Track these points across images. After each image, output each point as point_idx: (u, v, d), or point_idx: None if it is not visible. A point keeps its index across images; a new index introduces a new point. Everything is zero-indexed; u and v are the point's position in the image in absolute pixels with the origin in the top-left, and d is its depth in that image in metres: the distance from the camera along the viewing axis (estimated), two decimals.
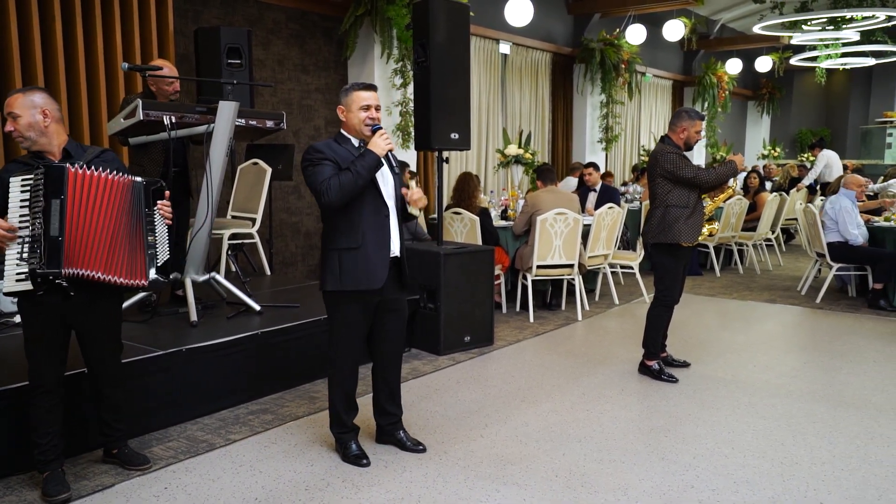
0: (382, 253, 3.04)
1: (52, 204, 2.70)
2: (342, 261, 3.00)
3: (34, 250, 2.69)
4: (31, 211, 2.71)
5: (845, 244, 6.36)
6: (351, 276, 2.99)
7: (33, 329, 2.81)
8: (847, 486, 2.97)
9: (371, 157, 2.92)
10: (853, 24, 10.79)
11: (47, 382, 2.83)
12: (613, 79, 10.71)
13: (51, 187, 2.71)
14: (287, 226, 7.22)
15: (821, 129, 17.24)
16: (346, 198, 2.91)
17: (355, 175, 2.89)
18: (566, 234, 5.73)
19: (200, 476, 3.07)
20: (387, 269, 3.04)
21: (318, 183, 2.90)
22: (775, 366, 4.65)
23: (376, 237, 3.03)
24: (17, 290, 2.70)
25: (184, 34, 6.11)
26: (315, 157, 2.95)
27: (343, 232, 3.01)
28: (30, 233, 2.71)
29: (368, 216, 3.01)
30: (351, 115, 3.02)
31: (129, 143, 4.19)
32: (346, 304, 3.06)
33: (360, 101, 3.00)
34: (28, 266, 2.69)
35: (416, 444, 3.32)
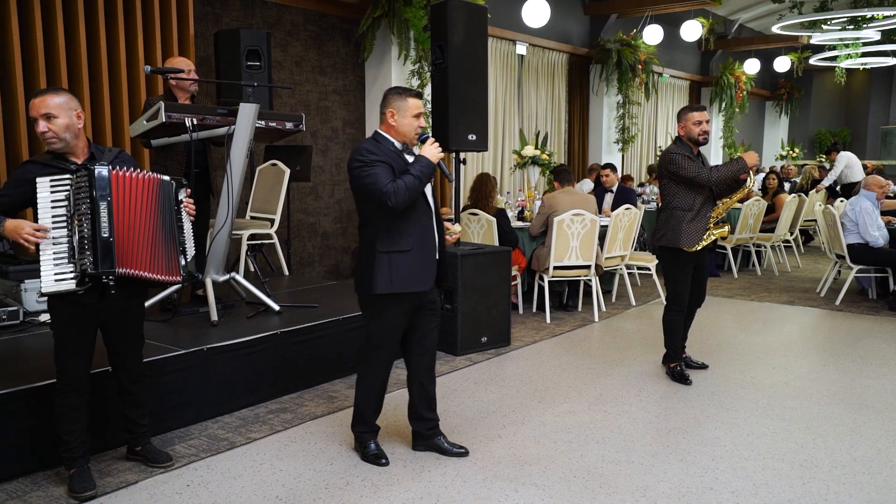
0: (429, 255, 3.10)
1: (100, 205, 2.76)
2: (392, 263, 3.01)
3: (83, 251, 2.73)
4: (73, 212, 2.74)
5: (866, 246, 6.31)
6: (402, 279, 3.02)
7: (66, 329, 2.84)
8: (868, 490, 2.95)
9: (427, 163, 3.01)
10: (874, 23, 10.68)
11: (76, 381, 2.87)
12: (630, 79, 10.68)
13: (98, 189, 2.76)
14: (304, 226, 7.27)
15: (840, 130, 17.08)
16: (410, 201, 2.96)
17: (417, 179, 2.96)
18: (583, 235, 5.73)
19: (222, 474, 3.11)
20: (434, 271, 3.12)
21: (382, 185, 2.91)
22: (794, 368, 4.63)
23: (423, 240, 3.07)
24: (56, 291, 2.72)
25: (204, 37, 6.17)
26: (369, 158, 2.96)
27: (393, 235, 3.02)
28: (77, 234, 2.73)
29: (416, 220, 3.05)
30: (404, 120, 3.06)
31: (152, 144, 4.25)
32: (393, 307, 3.06)
33: (414, 109, 3.06)
34: (79, 266, 2.73)
35: (458, 448, 3.28)
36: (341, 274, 7.63)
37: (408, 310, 3.10)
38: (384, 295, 3.04)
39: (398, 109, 3.06)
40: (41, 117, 2.76)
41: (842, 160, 10.28)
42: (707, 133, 4.16)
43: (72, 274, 2.73)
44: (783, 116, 16.90)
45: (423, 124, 3.11)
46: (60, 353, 2.86)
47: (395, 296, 3.04)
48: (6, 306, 4.18)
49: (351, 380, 4.36)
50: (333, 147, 7.48)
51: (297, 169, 6.03)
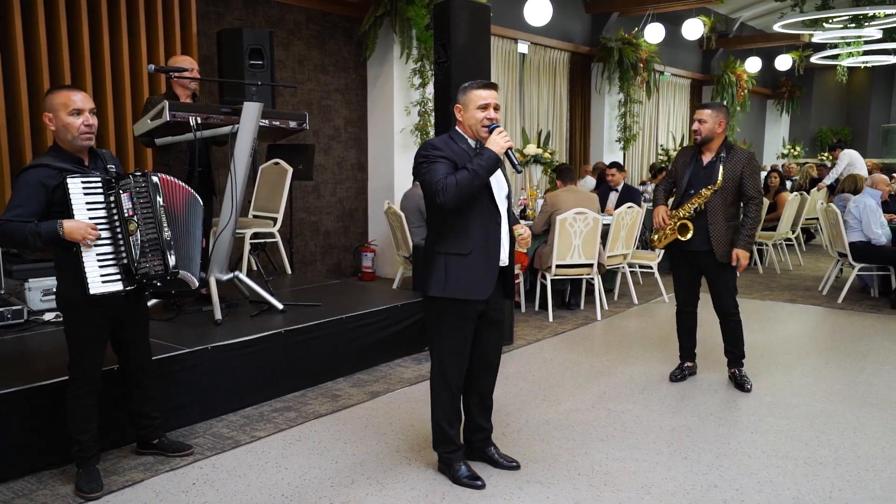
0: (491, 262, 2.86)
1: (160, 210, 2.91)
2: (448, 266, 2.83)
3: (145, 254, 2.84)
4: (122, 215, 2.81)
5: (868, 244, 6.31)
6: (456, 284, 2.82)
7: (89, 329, 2.87)
8: (872, 487, 2.95)
9: (490, 156, 2.75)
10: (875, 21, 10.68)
11: (93, 380, 2.91)
12: (631, 78, 10.69)
13: (159, 195, 2.92)
14: (307, 225, 7.28)
15: (841, 128, 17.07)
16: (462, 198, 2.73)
17: (472, 174, 2.71)
18: (585, 234, 5.73)
19: (227, 472, 3.11)
20: (494, 280, 2.87)
21: (433, 182, 2.72)
22: (797, 366, 4.63)
23: (486, 245, 2.85)
24: (105, 292, 2.75)
25: (206, 35, 6.18)
26: (432, 154, 2.79)
27: (452, 236, 2.83)
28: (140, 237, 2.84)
29: (480, 221, 2.84)
30: (468, 114, 2.85)
31: (155, 143, 4.25)
32: (451, 312, 2.87)
33: (478, 101, 2.82)
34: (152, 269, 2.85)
35: (509, 461, 3.12)
36: (343, 273, 7.64)
37: (469, 317, 2.89)
38: (439, 298, 2.86)
39: (463, 104, 2.87)
40: (89, 112, 2.79)
41: (844, 158, 10.28)
42: (696, 132, 4.05)
43: (118, 275, 2.79)
44: (784, 115, 16.90)
45: (492, 115, 2.82)
46: (81, 354, 2.88)
47: (452, 301, 2.84)
48: (10, 305, 4.19)
49: (354, 378, 4.37)
50: (335, 146, 7.49)
51: (300, 168, 6.03)
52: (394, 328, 4.70)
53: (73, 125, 2.74)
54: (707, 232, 4.01)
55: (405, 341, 4.80)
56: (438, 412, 2.99)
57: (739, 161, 4.00)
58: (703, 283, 4.26)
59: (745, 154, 4.06)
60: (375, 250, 7.57)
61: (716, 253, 4.01)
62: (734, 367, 4.25)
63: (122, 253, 2.80)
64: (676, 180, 4.19)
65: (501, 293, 3.05)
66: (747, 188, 3.98)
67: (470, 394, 3.09)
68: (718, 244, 4.01)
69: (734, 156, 4.02)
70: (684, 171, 4.13)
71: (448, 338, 2.91)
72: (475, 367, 3.04)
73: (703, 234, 4.03)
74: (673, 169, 4.27)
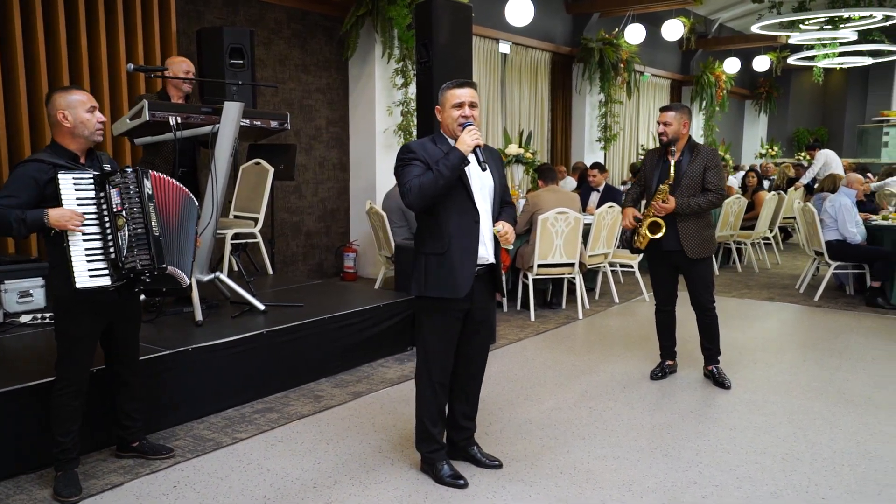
0: (468, 261, 2.85)
1: (149, 206, 2.93)
2: (427, 266, 2.87)
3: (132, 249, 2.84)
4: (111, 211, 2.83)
5: (844, 242, 6.41)
6: (434, 283, 2.85)
7: (79, 328, 2.87)
8: (848, 482, 3.01)
9: (455, 156, 2.75)
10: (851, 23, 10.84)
11: (81, 381, 2.90)
12: (612, 78, 10.76)
13: (147, 190, 2.94)
14: (288, 225, 7.24)
15: (818, 129, 17.31)
16: (426, 199, 2.77)
17: (436, 175, 2.73)
18: (567, 234, 5.76)
19: (209, 474, 3.09)
20: (472, 278, 2.85)
21: (403, 184, 2.79)
22: (775, 363, 4.70)
23: (463, 243, 2.84)
24: (92, 287, 2.76)
25: (186, 34, 6.13)
26: (406, 157, 2.84)
27: (429, 235, 2.88)
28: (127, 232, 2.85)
29: (455, 220, 2.84)
30: (445, 114, 2.87)
31: (135, 143, 4.22)
32: (435, 311, 2.90)
33: (453, 99, 2.83)
34: (138, 263, 2.85)
35: (492, 460, 3.14)
36: (325, 273, 7.61)
37: (453, 316, 2.90)
38: (421, 297, 2.90)
39: (442, 105, 2.89)
40: (98, 110, 2.89)
41: (821, 158, 10.42)
42: (662, 135, 4.06)
43: (106, 270, 2.79)
44: (762, 115, 17.10)
45: (466, 113, 2.82)
46: (71, 354, 2.87)
47: (437, 300, 2.87)
48: None
49: (336, 379, 4.36)
50: (317, 146, 7.46)
51: (281, 168, 5.99)
52: (376, 328, 4.70)
53: (91, 121, 2.85)
54: (677, 231, 4.07)
55: (388, 341, 4.80)
56: (422, 410, 3.00)
57: (703, 158, 4.08)
58: (682, 281, 4.31)
59: (709, 151, 4.15)
60: (357, 250, 7.55)
61: (686, 251, 4.07)
62: (711, 364, 4.30)
63: (109, 248, 2.81)
64: (646, 182, 4.23)
65: (489, 292, 3.05)
66: (707, 181, 4.05)
67: (455, 396, 3.10)
68: (688, 242, 4.07)
69: (698, 154, 4.09)
70: (653, 172, 4.18)
71: (432, 335, 2.93)
72: (462, 369, 3.05)
73: (674, 233, 4.08)
74: (642, 171, 4.31)
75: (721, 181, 4.10)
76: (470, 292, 2.87)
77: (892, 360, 4.75)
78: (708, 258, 4.17)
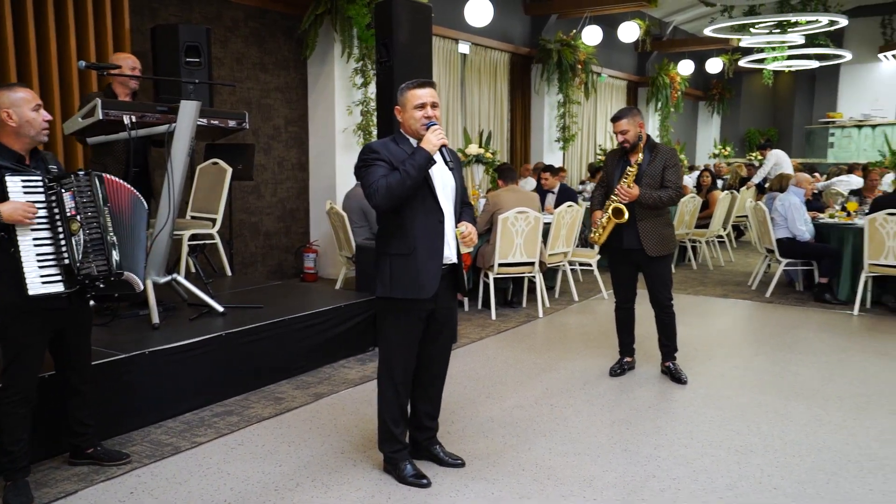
0: (434, 261, 2.87)
1: (104, 210, 2.88)
2: (393, 267, 2.86)
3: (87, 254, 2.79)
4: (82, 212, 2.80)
5: (793, 240, 6.60)
6: (401, 284, 2.84)
7: (30, 338, 2.79)
8: (798, 472, 3.11)
9: (421, 155, 2.75)
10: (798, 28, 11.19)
11: (28, 388, 2.81)
12: (570, 79, 10.90)
13: (103, 194, 2.89)
14: (247, 226, 7.15)
15: (768, 129, 17.80)
16: (394, 200, 2.76)
17: (403, 175, 2.72)
18: (527, 233, 5.82)
19: (167, 480, 3.04)
20: (438, 279, 2.87)
21: (368, 185, 2.77)
22: (729, 358, 4.82)
23: (428, 244, 2.85)
24: (45, 293, 2.69)
25: (140, 31, 6.00)
26: (369, 157, 2.81)
27: (394, 236, 2.86)
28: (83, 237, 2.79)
29: (420, 220, 2.85)
30: (406, 115, 2.86)
31: (88, 142, 4.12)
32: (399, 312, 2.90)
33: (414, 100, 2.83)
34: (95, 269, 2.79)
35: (455, 459, 3.15)
36: (285, 274, 7.54)
37: (416, 316, 2.91)
38: (385, 299, 2.89)
39: (401, 105, 2.88)
40: (43, 108, 2.82)
41: (771, 158, 10.73)
42: (625, 142, 4.10)
43: (59, 276, 2.72)
44: (715, 116, 17.51)
45: (430, 113, 2.82)
46: (20, 361, 2.78)
47: (401, 301, 2.87)
48: None
49: (297, 380, 4.33)
50: (276, 145, 7.39)
51: (240, 168, 5.93)
52: (337, 329, 4.67)
53: (37, 120, 2.77)
54: (637, 230, 4.15)
55: (349, 342, 4.78)
56: (384, 410, 3.00)
57: (663, 157, 4.17)
58: (640, 280, 4.39)
59: (668, 150, 4.24)
60: (317, 251, 7.50)
61: (646, 248, 4.15)
62: (668, 360, 4.39)
63: (63, 253, 2.74)
64: (609, 183, 4.29)
65: (451, 292, 3.06)
66: (666, 180, 4.14)
67: (418, 396, 3.11)
68: (647, 240, 4.15)
69: (658, 153, 4.18)
70: (615, 172, 4.24)
71: (395, 336, 2.93)
72: (424, 370, 3.06)
73: (634, 232, 4.15)
74: (605, 173, 4.38)
75: (679, 179, 4.20)
76: (434, 292, 2.88)
77: (839, 353, 4.92)
78: (667, 256, 4.26)
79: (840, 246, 6.47)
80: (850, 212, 6.89)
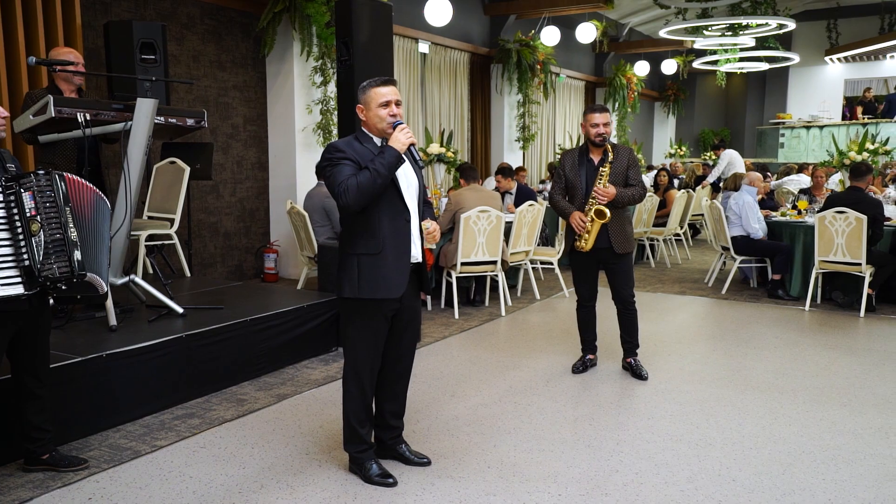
0: (402, 260, 2.88)
1: (65, 210, 2.80)
2: (361, 267, 2.83)
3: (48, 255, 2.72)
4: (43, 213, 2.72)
5: (748, 238, 6.77)
6: (370, 284, 2.83)
7: None
8: (755, 463, 3.19)
9: (391, 154, 2.75)
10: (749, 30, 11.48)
11: None
12: (529, 79, 10.98)
13: (63, 194, 2.81)
14: (205, 226, 7.03)
15: (721, 130, 18.23)
16: (365, 199, 2.74)
17: (374, 174, 2.71)
18: (489, 232, 5.85)
19: (126, 485, 2.98)
20: (407, 278, 2.89)
21: (336, 184, 2.73)
22: (687, 354, 4.93)
23: (396, 243, 2.86)
24: (4, 296, 2.63)
25: (92, 27, 5.85)
26: (335, 156, 2.78)
27: (362, 236, 2.84)
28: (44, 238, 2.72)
29: (388, 219, 2.84)
30: (370, 113, 2.84)
31: (39, 141, 4.00)
32: (365, 312, 2.88)
33: (379, 98, 2.81)
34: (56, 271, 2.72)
35: (420, 457, 3.16)
36: (245, 274, 7.44)
37: (385, 316, 2.91)
38: (352, 299, 2.87)
39: (364, 103, 2.86)
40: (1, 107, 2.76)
41: (725, 157, 11.00)
42: (602, 135, 4.15)
43: (19, 278, 2.66)
44: (671, 116, 17.86)
45: (395, 111, 2.82)
46: None
47: (369, 301, 2.85)
48: None
49: (260, 381, 4.28)
50: (234, 144, 7.28)
51: (198, 167, 5.83)
52: (300, 329, 4.63)
53: None
54: (606, 228, 4.20)
55: (312, 342, 4.74)
56: (349, 411, 2.99)
57: (624, 157, 4.25)
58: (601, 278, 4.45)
59: (627, 150, 4.33)
60: (278, 251, 7.42)
61: (614, 246, 4.23)
62: (630, 356, 4.47)
63: (23, 254, 2.67)
64: (571, 183, 4.29)
65: (416, 291, 3.06)
66: (630, 178, 4.24)
67: (383, 395, 3.10)
68: (615, 237, 4.23)
69: (618, 152, 4.25)
70: (577, 173, 4.25)
71: (362, 337, 2.92)
72: (389, 369, 3.06)
73: (604, 230, 4.20)
74: (561, 173, 4.35)
75: (641, 177, 4.31)
76: (403, 292, 2.89)
77: (791, 347, 5.07)
78: (631, 253, 4.36)
79: (792, 243, 6.67)
80: (801, 210, 7.11)
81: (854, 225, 5.87)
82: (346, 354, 2.99)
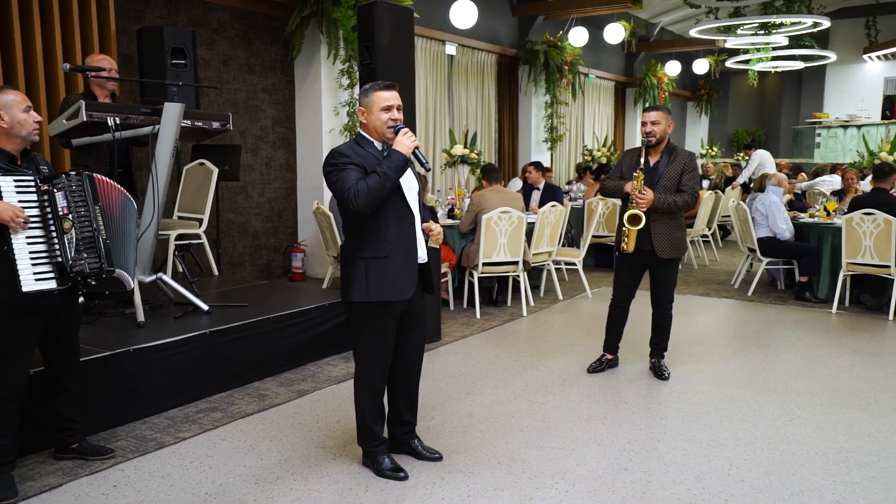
0: (410, 262, 2.94)
1: (95, 209, 2.98)
2: (369, 271, 2.88)
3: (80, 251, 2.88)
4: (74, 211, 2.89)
5: (774, 239, 6.71)
6: (379, 288, 2.88)
7: (17, 332, 2.86)
8: (765, 464, 3.19)
9: (398, 157, 2.81)
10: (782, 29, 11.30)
11: (16, 385, 2.89)
12: (557, 80, 10.99)
13: (94, 194, 2.99)
14: (234, 226, 7.21)
15: (755, 130, 17.95)
16: (375, 202, 2.78)
17: (383, 177, 2.76)
18: (511, 232, 5.90)
19: (150, 473, 3.11)
20: (415, 279, 2.95)
21: (345, 189, 2.76)
22: (707, 356, 4.91)
23: (403, 245, 2.92)
24: (38, 290, 2.78)
25: (126, 33, 6.06)
26: (340, 161, 2.83)
27: (369, 240, 2.89)
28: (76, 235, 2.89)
29: (394, 223, 2.90)
30: (372, 116, 2.89)
31: (73, 144, 4.17)
32: (374, 315, 2.94)
33: (381, 102, 2.87)
34: (87, 267, 2.89)
35: (432, 452, 3.22)
36: (273, 273, 7.60)
37: (393, 318, 2.97)
38: (362, 303, 2.91)
39: (366, 107, 2.91)
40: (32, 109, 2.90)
41: (756, 158, 10.84)
42: (649, 134, 4.11)
43: (52, 274, 2.81)
44: (703, 116, 17.64)
45: (396, 116, 2.87)
46: (7, 358, 2.85)
47: (378, 304, 2.90)
48: None
49: (282, 377, 4.40)
50: (263, 146, 7.45)
51: (226, 168, 5.98)
52: (322, 327, 4.74)
53: (28, 121, 2.87)
54: (650, 231, 4.15)
55: (333, 340, 4.85)
56: (362, 408, 3.07)
57: (681, 161, 4.17)
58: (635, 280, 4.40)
59: (687, 154, 4.23)
60: (305, 250, 7.56)
61: (657, 250, 4.16)
62: (656, 357, 4.47)
63: (55, 251, 2.83)
64: (624, 177, 4.25)
65: (421, 290, 3.12)
66: (683, 184, 4.14)
67: (395, 391, 3.18)
68: (660, 242, 4.16)
69: (676, 156, 4.18)
70: (631, 172, 4.20)
71: (372, 340, 2.99)
72: (400, 367, 3.13)
73: (647, 233, 4.14)
74: (619, 168, 4.34)
75: (696, 185, 4.17)
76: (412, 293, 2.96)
77: (814, 350, 5.02)
78: (677, 259, 4.28)
79: (820, 245, 6.58)
80: (830, 211, 7.01)
81: (882, 227, 5.78)
82: (357, 355, 3.07)
